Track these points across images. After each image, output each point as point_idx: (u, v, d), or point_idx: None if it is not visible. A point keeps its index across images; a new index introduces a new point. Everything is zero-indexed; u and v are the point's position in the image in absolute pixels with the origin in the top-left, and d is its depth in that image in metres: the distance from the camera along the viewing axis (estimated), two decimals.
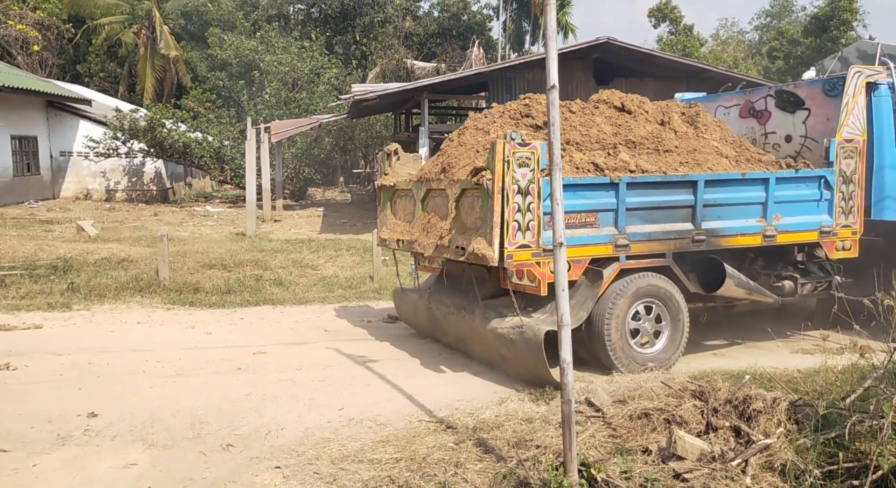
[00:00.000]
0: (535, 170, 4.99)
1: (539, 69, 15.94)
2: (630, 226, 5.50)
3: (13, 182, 20.39)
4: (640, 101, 6.45)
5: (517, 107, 6.08)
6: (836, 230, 6.38)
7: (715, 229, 5.81)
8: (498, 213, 4.91)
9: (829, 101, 6.48)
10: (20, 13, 27.87)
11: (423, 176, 6.14)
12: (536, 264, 5.16)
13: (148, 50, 32.27)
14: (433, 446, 4.29)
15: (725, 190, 5.83)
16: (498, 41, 37.24)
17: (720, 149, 6.25)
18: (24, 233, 13.80)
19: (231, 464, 4.10)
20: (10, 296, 8.36)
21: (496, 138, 4.95)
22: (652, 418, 4.04)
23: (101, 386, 5.40)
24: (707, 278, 5.87)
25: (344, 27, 35.25)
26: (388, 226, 6.65)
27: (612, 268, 5.51)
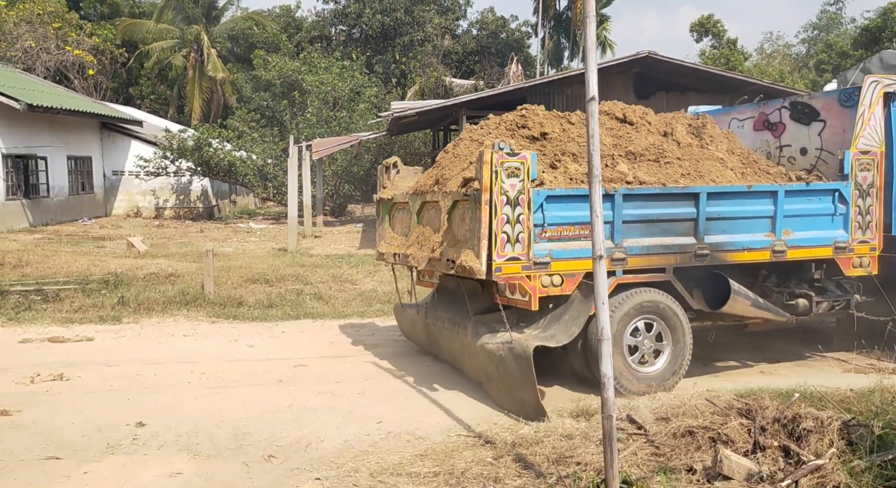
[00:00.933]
0: (524, 181, 4.87)
1: (577, 84, 15.90)
2: (627, 240, 5.31)
3: (69, 200, 21.24)
4: (643, 113, 6.29)
5: (513, 118, 5.94)
6: (853, 246, 6.07)
7: (719, 243, 5.57)
8: (485, 225, 4.80)
9: (845, 111, 6.25)
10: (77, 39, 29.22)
11: (419, 188, 6.06)
12: (527, 278, 5.01)
13: (196, 72, 33.42)
14: (472, 461, 4.26)
15: (730, 203, 5.60)
16: (536, 58, 37.32)
17: (725, 161, 6.05)
18: (77, 249, 14.34)
19: (272, 475, 4.15)
20: (65, 310, 8.68)
21: (484, 148, 4.87)
22: (696, 436, 3.94)
23: (148, 397, 5.54)
24: (712, 294, 5.62)
25: (384, 47, 35.87)
26: (386, 239, 6.55)
27: (609, 282, 5.27)
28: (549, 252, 5.02)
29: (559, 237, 5.08)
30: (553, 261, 5.03)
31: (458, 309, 5.96)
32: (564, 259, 5.07)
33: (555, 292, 5.12)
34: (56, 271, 11.05)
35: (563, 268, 5.07)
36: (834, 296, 6.20)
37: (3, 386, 5.73)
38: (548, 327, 5.22)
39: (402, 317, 7.17)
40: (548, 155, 5.50)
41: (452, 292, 6.18)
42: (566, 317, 5.19)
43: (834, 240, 6.00)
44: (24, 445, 4.45)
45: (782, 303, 5.98)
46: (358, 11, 35.72)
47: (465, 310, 5.77)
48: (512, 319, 5.35)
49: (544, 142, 5.65)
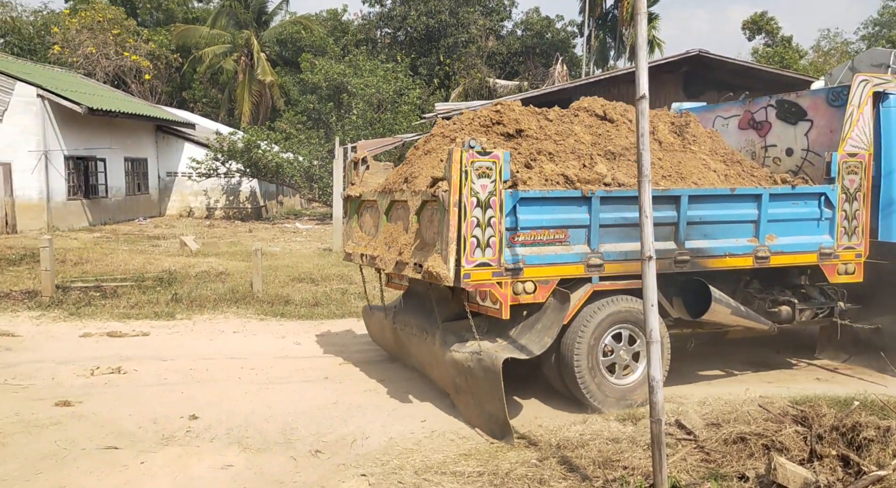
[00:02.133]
0: (496, 182, 4.56)
1: (624, 84, 15.68)
2: (604, 244, 5.00)
3: (125, 200, 22.04)
4: (623, 109, 5.95)
5: (488, 113, 5.54)
6: (838, 252, 5.80)
7: (700, 249, 5.29)
8: (454, 228, 4.49)
9: (833, 111, 5.96)
10: (134, 45, 30.32)
11: (388, 186, 5.74)
12: (497, 285, 4.68)
13: (246, 76, 34.24)
14: (516, 462, 4.25)
15: (712, 206, 5.31)
16: (582, 58, 36.94)
17: (708, 163, 5.76)
18: (134, 248, 14.87)
19: (319, 470, 4.22)
20: (122, 306, 9.01)
21: (453, 146, 4.56)
22: (749, 443, 3.84)
23: (201, 391, 5.71)
24: (692, 302, 5.34)
25: (428, 49, 36.06)
26: (354, 239, 6.19)
27: (584, 289, 4.99)
28: (522, 257, 4.73)
29: (533, 242, 4.78)
30: (526, 268, 4.74)
31: (427, 314, 5.63)
32: (538, 265, 4.78)
33: (527, 300, 4.82)
34: (114, 269, 11.49)
35: (536, 274, 4.78)
36: (818, 304, 5.95)
37: (65, 378, 5.98)
38: (519, 337, 4.95)
39: (371, 321, 6.83)
40: (523, 153, 5.17)
41: (421, 296, 5.85)
42: (539, 326, 4.91)
43: (819, 246, 5.73)
44: (84, 435, 4.64)
45: (765, 310, 5.72)
46: (403, 14, 36.00)
47: (433, 316, 5.44)
48: (482, 327, 5.08)
49: (520, 139, 5.33)
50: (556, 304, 4.90)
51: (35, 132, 16.98)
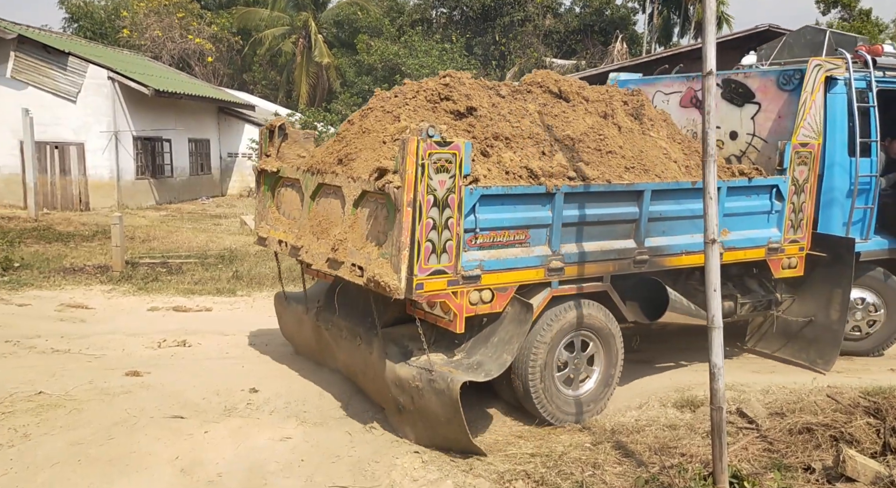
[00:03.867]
0: (456, 177, 3.91)
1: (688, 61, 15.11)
2: (566, 245, 4.51)
3: (189, 180, 22.80)
4: (579, 87, 5.38)
5: (435, 86, 4.79)
6: (784, 246, 5.55)
7: (659, 247, 4.89)
8: (407, 231, 3.83)
9: (782, 95, 5.60)
10: (198, 28, 31.12)
11: (316, 165, 4.90)
12: (452, 294, 4.08)
13: (304, 58, 34.69)
14: (569, 445, 4.23)
15: (673, 201, 4.90)
16: (643, 35, 35.80)
17: (669, 152, 5.28)
18: (197, 226, 15.41)
19: (374, 445, 4.30)
20: (186, 281, 9.35)
21: (408, 134, 3.87)
22: (816, 434, 3.69)
23: (260, 365, 5.89)
24: (646, 303, 5.01)
25: (484, 28, 35.63)
26: (269, 221, 5.40)
27: (543, 295, 4.47)
28: (480, 262, 4.16)
29: (492, 244, 4.22)
30: (484, 274, 4.17)
31: (361, 316, 4.92)
32: (496, 270, 4.23)
33: (483, 310, 4.27)
34: (178, 246, 11.93)
35: (494, 281, 4.23)
36: (758, 297, 5.71)
37: (134, 349, 6.27)
38: (473, 351, 4.42)
39: (286, 314, 5.97)
40: (478, 138, 4.50)
41: (353, 293, 4.97)
42: (495, 339, 4.37)
43: (768, 241, 5.47)
44: (152, 404, 4.86)
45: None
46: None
47: (369, 319, 4.74)
48: (429, 336, 4.44)
49: (473, 120, 4.64)
50: (515, 315, 4.38)
51: (106, 113, 17.69)
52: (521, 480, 3.74)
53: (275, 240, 5.20)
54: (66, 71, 16.51)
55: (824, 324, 5.74)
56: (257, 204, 5.53)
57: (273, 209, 5.38)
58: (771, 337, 6.06)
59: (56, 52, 16.16)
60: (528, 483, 3.70)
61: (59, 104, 16.59)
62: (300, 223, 4.95)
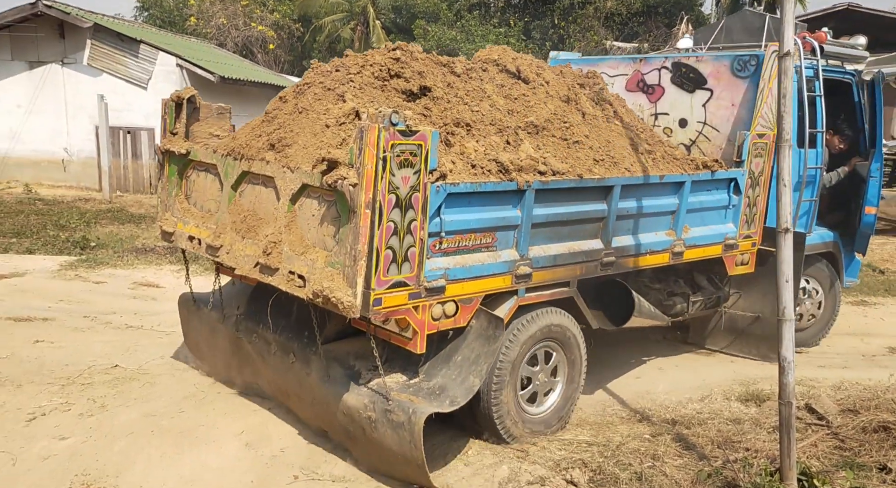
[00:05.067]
0: (421, 173, 3.31)
1: None
2: (533, 248, 4.00)
3: None
4: (538, 67, 4.89)
5: (383, 60, 4.12)
6: (739, 242, 5.24)
7: (625, 247, 4.51)
8: (365, 237, 3.19)
9: (737, 82, 5.26)
10: (261, 16, 31.81)
11: (238, 148, 4.09)
12: (413, 309, 3.46)
13: (361, 44, 34.99)
14: (628, 435, 4.17)
15: (640, 197, 4.52)
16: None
17: (634, 142, 4.87)
18: None
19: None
20: None
21: (366, 121, 3.20)
22: (892, 433, 3.52)
23: None
24: (611, 309, 4.68)
25: (542, 11, 35.03)
26: (176, 213, 4.56)
27: (509, 305, 3.92)
28: (445, 271, 3.57)
29: (457, 249, 3.65)
30: (448, 284, 3.58)
31: (295, 328, 4.24)
32: (462, 279, 3.65)
33: (447, 325, 3.68)
34: None
35: (459, 291, 3.65)
36: (708, 293, 5.42)
37: None
38: (433, 372, 3.79)
39: (192, 320, 5.06)
40: (436, 124, 3.91)
41: (283, 299, 4.04)
42: (458, 358, 3.76)
43: (724, 237, 5.15)
44: None
45: (661, 304, 5.14)
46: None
47: (304, 333, 4.10)
48: (382, 355, 3.79)
49: (428, 102, 4.04)
50: (481, 330, 3.82)
51: None
52: (577, 468, 3.72)
53: (184, 236, 4.41)
54: (138, 58, 17.16)
55: (773, 320, 5.59)
56: (160, 191, 4.67)
57: (181, 198, 4.57)
58: (718, 333, 5.87)
59: (129, 40, 16.81)
60: (586, 471, 3.68)
61: (131, 90, 17.28)
62: (219, 218, 4.16)
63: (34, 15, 15.18)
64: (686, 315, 5.30)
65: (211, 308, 4.79)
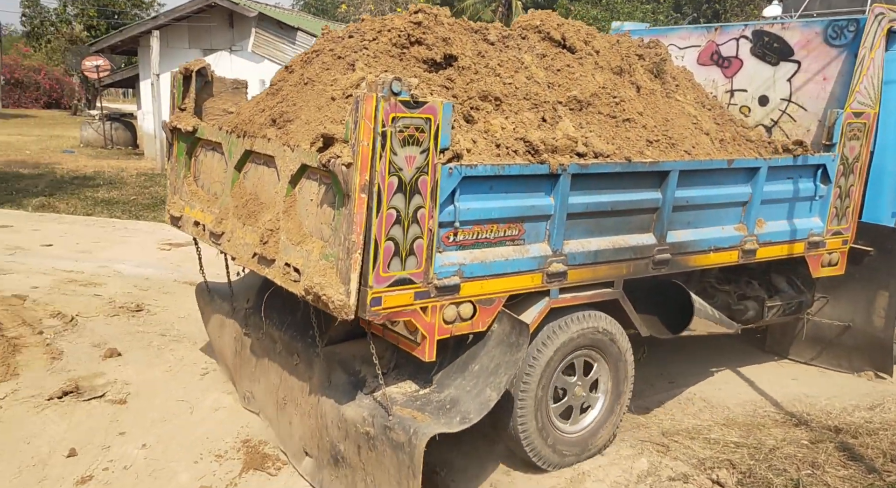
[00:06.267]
0: (430, 152, 2.83)
1: None
2: (570, 242, 3.42)
3: None
4: (587, 34, 4.21)
5: (403, 25, 3.53)
6: (826, 239, 4.50)
7: (683, 243, 3.83)
8: (360, 226, 2.75)
9: (829, 52, 4.50)
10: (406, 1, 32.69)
11: (241, 125, 3.65)
12: (421, 311, 3.00)
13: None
14: (782, 439, 3.87)
15: (703, 185, 3.85)
16: None
17: (699, 121, 4.17)
18: None
19: None
20: None
21: (363, 89, 2.73)
22: None
23: None
24: (666, 313, 4.02)
25: None
26: (184, 196, 4.15)
27: (539, 308, 3.38)
28: (459, 267, 3.06)
29: (475, 242, 3.14)
30: (464, 282, 3.08)
31: (301, 325, 3.75)
32: (480, 277, 3.14)
33: (462, 329, 3.17)
34: None
35: (477, 291, 3.14)
36: (788, 297, 4.69)
37: None
38: (446, 382, 3.27)
39: (208, 308, 4.64)
40: (459, 97, 3.41)
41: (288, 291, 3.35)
42: (476, 368, 3.24)
43: (809, 233, 4.42)
44: None
45: (729, 308, 4.49)
46: None
47: (309, 331, 3.61)
48: (386, 360, 3.42)
49: (453, 72, 3.51)
50: (503, 336, 3.27)
51: None
52: (724, 469, 3.51)
53: (190, 221, 4.03)
54: (295, 45, 18.31)
55: (866, 330, 4.81)
56: (169, 173, 4.29)
57: (190, 180, 4.19)
58: (801, 343, 5.12)
59: (287, 27, 17.96)
60: (734, 473, 3.46)
61: None
62: (222, 202, 3.76)
63: (208, 6, 16.66)
64: (760, 322, 4.66)
65: (222, 300, 4.42)
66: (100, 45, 19.13)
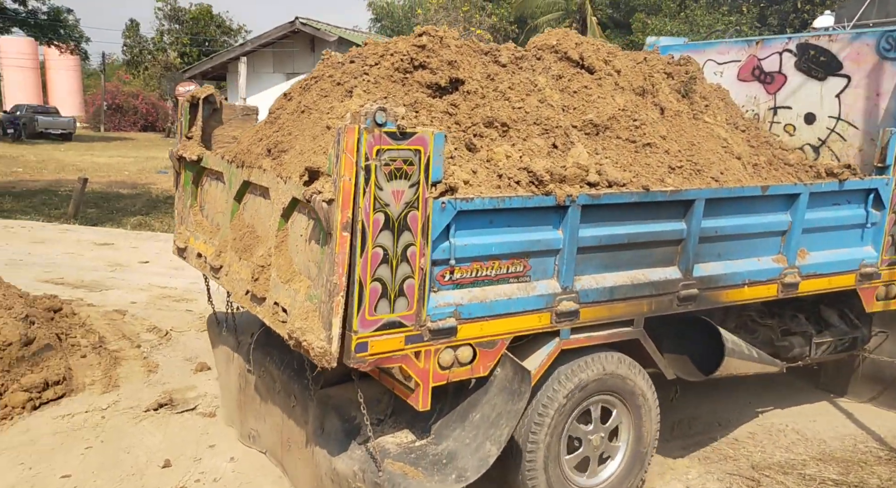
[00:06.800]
0: (420, 185, 2.64)
1: None
2: (582, 278, 3.17)
3: None
4: (608, 53, 3.94)
5: (406, 49, 3.35)
6: (881, 270, 4.13)
7: (713, 277, 3.51)
8: (342, 267, 2.57)
9: (883, 66, 4.16)
10: (479, 19, 33.12)
11: (240, 154, 3.50)
12: (413, 356, 2.79)
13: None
14: (888, 479, 3.64)
15: (735, 213, 3.54)
16: None
17: (729, 144, 3.86)
18: None
19: None
20: None
21: (346, 121, 2.60)
22: None
23: None
24: (691, 354, 3.67)
25: None
26: (190, 226, 4.00)
27: (548, 350, 3.13)
28: (456, 308, 2.86)
29: (474, 280, 2.93)
30: (461, 324, 2.86)
31: (297, 364, 3.51)
32: (480, 318, 2.91)
33: (460, 375, 2.94)
34: None
35: (476, 333, 2.91)
36: (839, 334, 4.30)
37: None
38: (444, 433, 3.05)
39: (217, 342, 4.41)
40: (462, 124, 3.22)
41: None
42: (476, 417, 3.00)
43: (861, 263, 4.05)
44: None
45: (772, 344, 4.12)
46: None
47: (305, 371, 3.39)
48: (380, 406, 3.19)
49: (458, 97, 3.34)
50: (505, 383, 3.02)
51: None
52: None
53: (194, 253, 3.89)
54: None
55: None
56: (176, 202, 4.20)
57: (196, 210, 4.05)
58: (858, 381, 4.67)
59: None
60: None
61: None
62: (222, 233, 3.62)
63: (292, 32, 17.45)
64: (807, 359, 4.28)
65: (228, 333, 4.20)
66: (192, 72, 20.38)
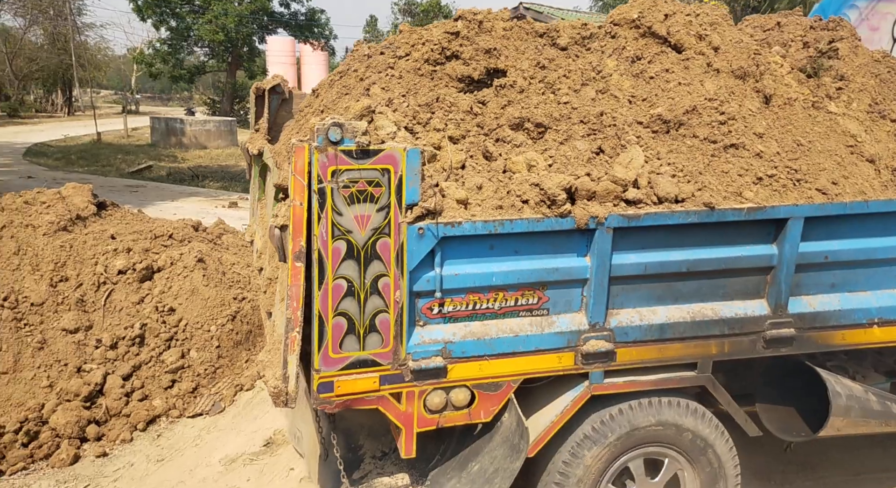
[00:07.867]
0: (391, 209, 2.34)
1: None
2: (620, 311, 2.67)
3: None
4: (708, 26, 3.19)
5: (438, 37, 2.91)
6: None
7: (822, 313, 2.85)
8: (296, 300, 2.32)
9: None
10: None
11: (275, 154, 3.35)
12: (391, 398, 2.50)
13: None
14: None
15: (856, 234, 2.83)
16: None
17: (860, 142, 3.01)
18: None
19: None
20: None
21: (298, 139, 2.33)
22: None
23: None
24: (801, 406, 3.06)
25: None
26: (256, 219, 3.88)
27: (573, 395, 2.71)
28: (445, 345, 2.51)
29: (472, 313, 2.55)
30: (452, 364, 2.52)
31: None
32: (480, 356, 2.55)
33: (455, 419, 2.61)
34: None
35: (473, 373, 2.56)
36: None
37: None
38: (441, 480, 2.77)
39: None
40: (486, 126, 2.79)
41: None
42: (475, 468, 2.67)
43: None
44: None
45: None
46: None
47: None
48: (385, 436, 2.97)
49: (488, 92, 2.94)
50: (507, 434, 2.66)
51: None
52: None
53: (256, 247, 3.73)
54: None
55: None
56: (251, 195, 4.01)
57: (262, 203, 3.86)
58: None
59: None
60: None
61: None
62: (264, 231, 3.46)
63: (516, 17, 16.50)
64: None
65: None
66: None
